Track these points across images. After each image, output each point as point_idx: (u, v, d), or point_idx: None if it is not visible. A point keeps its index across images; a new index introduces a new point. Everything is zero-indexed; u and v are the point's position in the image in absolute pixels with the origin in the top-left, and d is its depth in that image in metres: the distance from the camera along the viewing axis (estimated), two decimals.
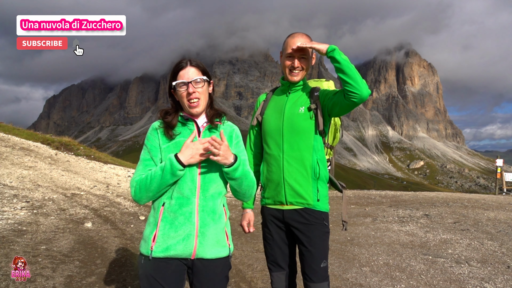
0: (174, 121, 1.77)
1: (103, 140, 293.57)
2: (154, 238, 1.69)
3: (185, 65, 1.75)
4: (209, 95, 1.83)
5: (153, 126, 1.80)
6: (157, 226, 1.70)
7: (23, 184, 7.42)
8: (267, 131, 2.19)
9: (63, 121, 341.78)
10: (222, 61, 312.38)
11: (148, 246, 1.70)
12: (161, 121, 1.79)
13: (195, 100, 1.73)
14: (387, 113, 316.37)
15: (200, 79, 1.74)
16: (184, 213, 1.69)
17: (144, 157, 1.76)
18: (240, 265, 4.35)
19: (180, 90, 1.73)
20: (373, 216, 7.59)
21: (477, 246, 5.11)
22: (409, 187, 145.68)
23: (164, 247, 1.68)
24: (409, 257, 4.66)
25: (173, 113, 1.79)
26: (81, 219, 5.85)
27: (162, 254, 1.68)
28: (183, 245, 1.68)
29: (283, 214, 2.15)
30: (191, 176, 1.71)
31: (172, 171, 1.63)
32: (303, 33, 2.13)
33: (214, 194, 1.75)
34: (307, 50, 2.09)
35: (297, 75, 2.13)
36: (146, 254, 1.71)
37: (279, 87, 2.30)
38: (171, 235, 1.68)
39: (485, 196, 12.02)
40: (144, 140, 1.83)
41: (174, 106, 1.83)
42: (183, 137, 1.75)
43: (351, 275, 4.02)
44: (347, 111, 2.00)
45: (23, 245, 4.25)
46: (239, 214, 7.61)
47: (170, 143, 1.74)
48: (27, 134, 14.35)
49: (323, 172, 2.14)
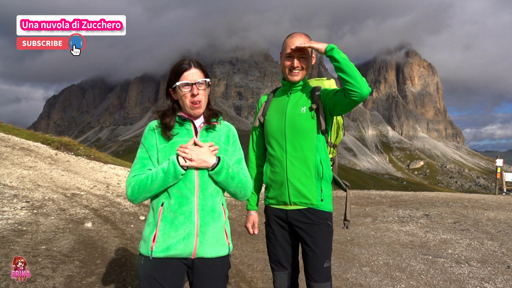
0: (172, 122, 1.77)
1: (103, 140, 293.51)
2: (154, 238, 1.69)
3: (189, 66, 1.75)
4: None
5: (150, 126, 1.79)
6: (157, 226, 1.69)
7: (23, 184, 7.42)
8: (270, 132, 2.19)
9: (63, 121, 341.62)
10: (222, 61, 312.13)
11: (148, 246, 1.69)
12: (158, 121, 1.78)
13: (198, 102, 1.74)
14: (387, 113, 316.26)
15: (203, 81, 1.75)
16: (184, 212, 1.69)
17: (141, 155, 1.76)
18: (240, 265, 4.34)
19: (183, 91, 1.73)
20: (373, 216, 7.59)
21: (477, 246, 5.10)
22: (409, 187, 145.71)
23: (164, 247, 1.68)
24: (409, 257, 4.66)
25: (171, 114, 1.79)
26: (81, 219, 5.85)
27: (162, 254, 1.67)
28: (184, 244, 1.68)
29: (287, 214, 2.15)
30: (190, 175, 1.71)
31: (175, 174, 1.65)
32: (302, 33, 2.13)
33: (213, 193, 1.76)
34: (306, 50, 2.09)
35: (297, 74, 2.13)
36: (146, 254, 1.70)
37: (280, 88, 2.30)
38: (171, 235, 1.67)
39: (485, 196, 12.01)
40: (141, 139, 1.84)
41: (171, 106, 1.82)
42: (180, 138, 1.76)
43: (351, 275, 4.02)
44: (349, 109, 1.99)
45: (23, 245, 4.24)
46: (239, 214, 7.61)
47: (167, 143, 1.74)
48: (27, 134, 14.34)
49: (327, 172, 2.13)
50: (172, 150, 1.72)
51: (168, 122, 1.76)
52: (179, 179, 1.68)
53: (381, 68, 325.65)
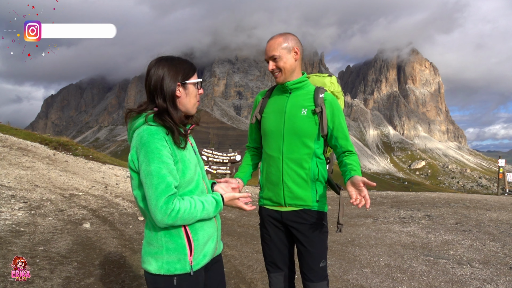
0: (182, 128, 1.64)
1: (102, 140, 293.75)
2: (190, 248, 1.53)
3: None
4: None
5: (159, 135, 1.49)
6: (186, 234, 1.54)
7: (21, 184, 7.39)
8: (267, 131, 2.15)
9: (61, 121, 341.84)
10: (222, 60, 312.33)
11: (186, 260, 1.52)
12: (163, 128, 1.52)
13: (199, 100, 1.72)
14: (388, 112, 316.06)
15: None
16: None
17: (171, 168, 1.49)
18: (240, 266, 4.31)
19: (196, 90, 1.66)
20: (374, 217, 7.55)
21: (479, 247, 5.07)
22: (410, 188, 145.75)
23: (202, 254, 1.59)
24: (411, 258, 4.63)
25: (171, 119, 1.57)
26: (79, 220, 5.82)
27: (201, 263, 1.59)
28: (213, 245, 1.67)
29: (282, 215, 2.13)
30: (201, 183, 1.68)
31: (219, 211, 1.66)
32: (279, 34, 2.08)
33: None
34: (276, 49, 2.02)
35: (277, 76, 2.09)
36: (184, 271, 1.52)
37: (279, 86, 2.22)
38: (205, 239, 1.61)
39: (487, 197, 11.95)
40: (148, 151, 1.47)
41: (165, 108, 1.57)
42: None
43: (352, 276, 3.98)
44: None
45: (20, 246, 4.21)
46: (238, 215, 7.57)
47: (182, 152, 1.58)
48: (24, 134, 14.28)
49: (322, 174, 2.12)
50: (187, 159, 1.59)
51: (178, 129, 1.57)
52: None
53: (382, 67, 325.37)
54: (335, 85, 2.30)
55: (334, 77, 2.33)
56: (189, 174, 1.57)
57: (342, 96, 2.33)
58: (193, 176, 1.60)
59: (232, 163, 13.14)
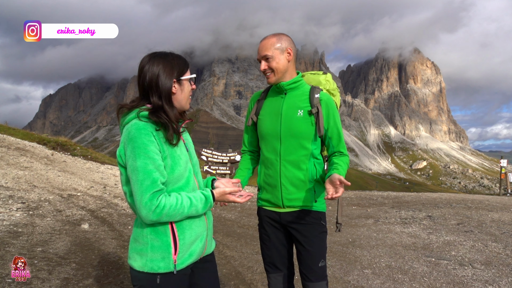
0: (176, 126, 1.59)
1: (100, 140, 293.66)
2: (175, 246, 1.50)
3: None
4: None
5: (146, 130, 1.45)
6: (172, 232, 1.51)
7: (19, 184, 7.36)
8: (263, 134, 2.13)
9: (59, 120, 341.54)
10: (222, 60, 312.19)
11: (170, 258, 1.49)
12: (152, 124, 1.49)
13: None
14: (390, 112, 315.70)
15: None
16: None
17: (158, 163, 1.45)
18: (240, 267, 4.27)
19: (190, 85, 1.64)
20: (375, 218, 7.51)
21: (481, 248, 5.03)
22: (411, 188, 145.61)
23: (188, 253, 1.55)
24: (412, 259, 4.60)
25: (166, 116, 1.54)
26: (77, 221, 5.79)
27: (186, 263, 1.54)
28: (202, 244, 1.62)
29: (280, 216, 2.13)
30: (192, 180, 1.64)
31: (209, 207, 1.61)
32: (272, 34, 2.07)
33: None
34: (269, 49, 2.01)
35: (269, 77, 2.07)
36: (168, 270, 1.49)
37: (274, 86, 2.18)
38: (192, 238, 1.56)
39: (489, 197, 11.90)
40: (135, 146, 1.45)
41: (161, 105, 1.54)
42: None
43: (353, 277, 3.95)
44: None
45: (18, 247, 4.19)
46: (238, 215, 7.53)
47: (172, 148, 1.54)
48: (22, 134, 14.20)
49: (320, 174, 2.11)
50: (178, 155, 1.55)
51: (173, 126, 1.54)
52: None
53: (383, 66, 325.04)
54: (331, 83, 2.28)
55: (329, 75, 2.32)
56: (179, 171, 1.53)
57: (338, 93, 2.33)
58: (183, 172, 1.56)
59: (232, 163, 13.09)
